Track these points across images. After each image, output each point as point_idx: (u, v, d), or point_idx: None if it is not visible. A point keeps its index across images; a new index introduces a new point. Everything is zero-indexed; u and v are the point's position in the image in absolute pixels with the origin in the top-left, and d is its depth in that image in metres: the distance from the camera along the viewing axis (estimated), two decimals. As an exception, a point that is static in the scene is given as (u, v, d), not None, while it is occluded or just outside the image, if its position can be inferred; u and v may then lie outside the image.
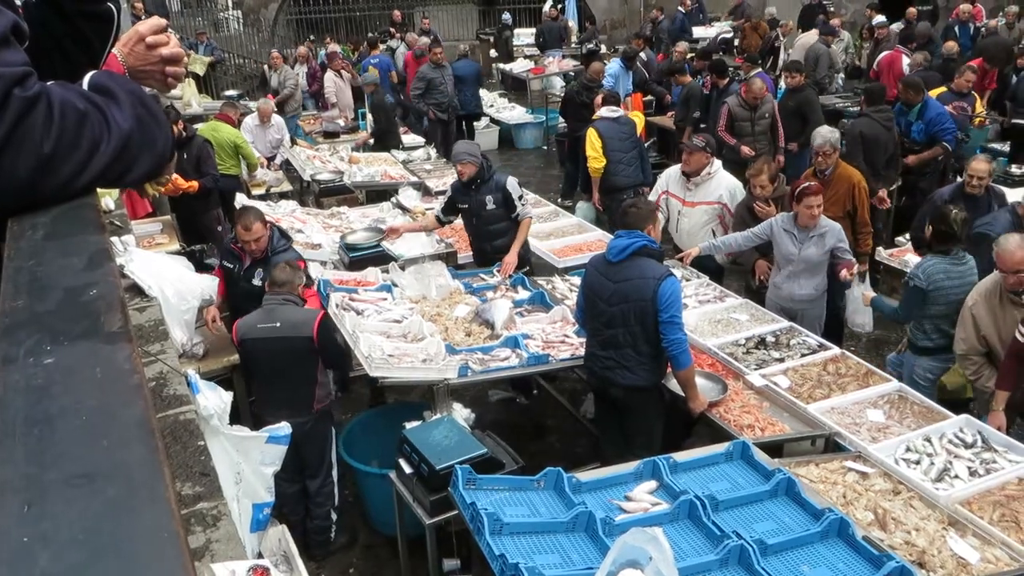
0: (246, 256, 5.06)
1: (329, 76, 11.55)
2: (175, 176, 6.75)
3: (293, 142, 9.73)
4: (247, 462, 3.41)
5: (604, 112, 7.52)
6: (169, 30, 1.60)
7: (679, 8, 16.28)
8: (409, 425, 4.06)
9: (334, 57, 11.79)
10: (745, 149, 7.81)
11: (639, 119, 8.65)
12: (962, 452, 3.78)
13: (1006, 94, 10.25)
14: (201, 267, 5.64)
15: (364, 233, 6.58)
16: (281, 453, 3.55)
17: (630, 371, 4.17)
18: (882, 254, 6.48)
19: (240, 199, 7.67)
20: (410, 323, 4.85)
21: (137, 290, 3.96)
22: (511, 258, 5.60)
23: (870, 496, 3.50)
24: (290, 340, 4.24)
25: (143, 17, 15.33)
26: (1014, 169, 8.98)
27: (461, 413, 4.33)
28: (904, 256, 6.36)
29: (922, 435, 3.90)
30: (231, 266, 5.14)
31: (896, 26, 12.91)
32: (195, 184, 7.04)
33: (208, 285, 4.68)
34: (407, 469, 3.77)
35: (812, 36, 12.87)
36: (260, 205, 7.45)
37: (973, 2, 14.97)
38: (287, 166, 9.36)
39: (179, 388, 3.14)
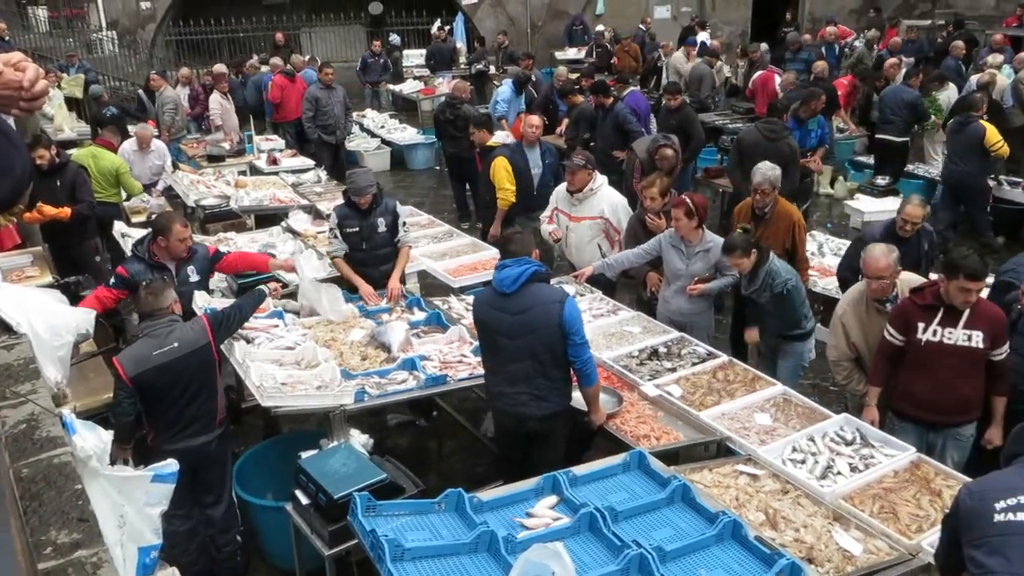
0: (167, 261, 5.13)
1: (215, 98, 11.20)
2: (40, 204, 6.46)
3: (175, 167, 9.38)
4: (131, 504, 3.22)
5: (501, 138, 7.51)
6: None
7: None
8: (305, 455, 3.96)
9: (221, 79, 11.43)
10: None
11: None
12: (843, 449, 3.97)
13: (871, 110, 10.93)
14: (76, 300, 5.34)
15: (253, 259, 6.38)
16: (168, 492, 3.38)
17: (544, 400, 4.09)
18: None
19: (119, 227, 7.35)
20: (303, 349, 4.74)
21: (4, 326, 3.72)
22: (395, 283, 5.65)
23: (761, 497, 3.63)
24: (193, 355, 4.10)
25: (7, 39, 14.54)
26: (879, 180, 9.62)
27: (359, 439, 4.25)
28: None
29: (806, 435, 4.08)
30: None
31: (763, 47, 13.69)
32: (66, 211, 6.72)
33: (83, 318, 4.43)
34: (304, 500, 3.67)
35: (681, 55, 13.67)
36: (141, 234, 7.15)
37: (836, 24, 16.00)
38: (169, 192, 9.00)
39: (53, 430, 2.95)
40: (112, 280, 5.16)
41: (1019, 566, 2.54)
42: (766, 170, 5.76)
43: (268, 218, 8.09)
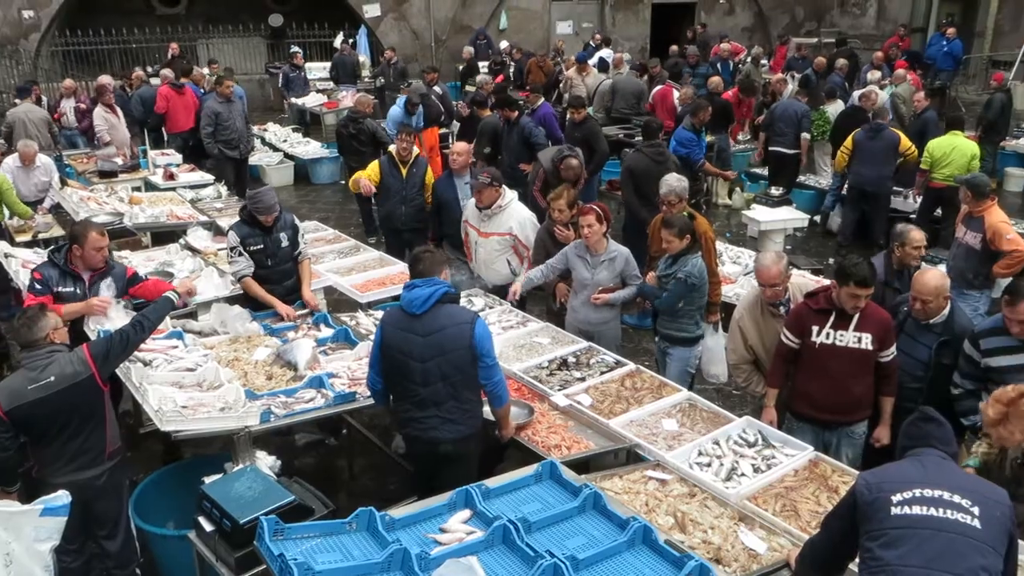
0: (82, 272, 5.09)
1: (99, 112, 10.64)
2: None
3: (64, 183, 8.94)
4: (18, 540, 3.05)
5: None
6: None
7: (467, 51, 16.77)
8: (208, 479, 3.81)
9: (104, 91, 10.88)
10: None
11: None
12: (746, 451, 4.10)
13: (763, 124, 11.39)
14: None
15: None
16: (60, 526, 3.21)
17: (455, 423, 4.02)
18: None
19: (2, 247, 6.96)
20: (205, 370, 4.58)
21: None
22: (309, 294, 5.66)
23: (670, 501, 3.71)
24: (73, 389, 3.84)
25: None
26: (773, 191, 10.02)
27: (266, 461, 4.13)
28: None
29: (711, 439, 4.19)
30: (71, 289, 5.06)
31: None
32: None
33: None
34: (208, 527, 3.53)
35: (573, 72, 13.90)
36: (27, 254, 6.80)
37: (729, 41, 16.66)
38: (58, 210, 8.58)
39: (-72, 465, 2.76)
40: (36, 287, 5.04)
41: (914, 558, 2.62)
42: (672, 182, 5.89)
43: (166, 235, 7.80)
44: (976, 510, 2.66)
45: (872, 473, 2.92)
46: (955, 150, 8.58)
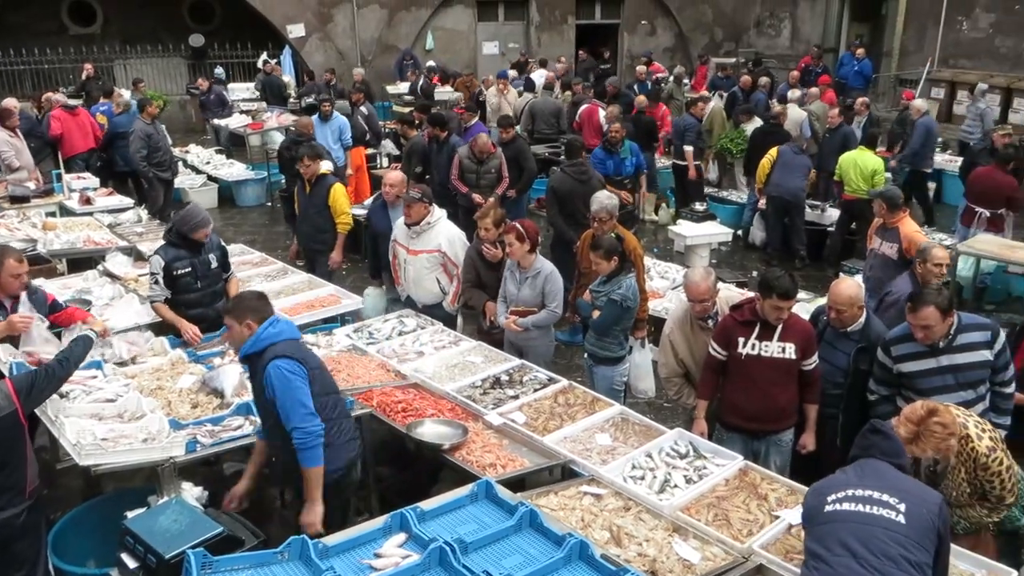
0: (3, 296, 4.97)
1: (1, 137, 10.18)
2: None
3: (-29, 209, 8.56)
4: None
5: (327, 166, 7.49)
6: None
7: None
8: (131, 514, 3.68)
9: (8, 114, 10.36)
10: (476, 197, 8.19)
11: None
12: (678, 463, 4.16)
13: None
14: None
15: (66, 306, 5.91)
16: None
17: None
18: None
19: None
20: (126, 400, 4.42)
21: None
22: None
23: (605, 516, 3.73)
24: None
25: None
26: (698, 206, 10.27)
27: (192, 492, 4.00)
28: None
29: (644, 452, 4.24)
30: None
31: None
32: None
33: None
34: (131, 564, 3.41)
35: (493, 91, 14.05)
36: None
37: (650, 62, 17.05)
38: (-35, 237, 8.18)
39: None
40: None
41: (839, 549, 2.81)
42: (603, 199, 5.99)
43: (83, 262, 7.52)
44: (903, 507, 2.85)
45: (820, 481, 3.15)
46: (855, 166, 9.00)
